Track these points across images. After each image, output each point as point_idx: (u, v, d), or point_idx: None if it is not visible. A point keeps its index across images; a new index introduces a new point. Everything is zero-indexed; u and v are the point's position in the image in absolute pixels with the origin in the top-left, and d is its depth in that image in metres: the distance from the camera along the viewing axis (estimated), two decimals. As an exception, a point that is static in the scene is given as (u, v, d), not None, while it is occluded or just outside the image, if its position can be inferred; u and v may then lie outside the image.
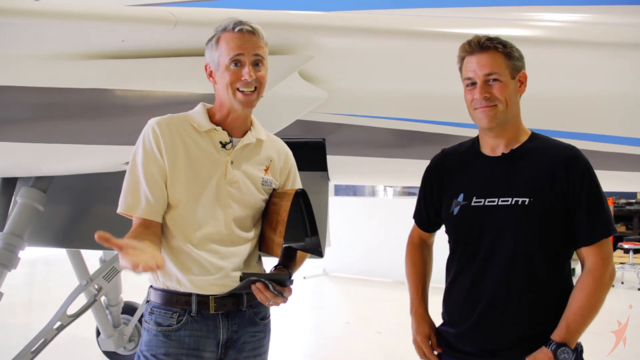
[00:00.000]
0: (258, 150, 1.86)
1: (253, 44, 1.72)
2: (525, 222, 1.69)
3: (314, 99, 2.57)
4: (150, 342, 1.77)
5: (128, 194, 1.73)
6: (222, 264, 1.77)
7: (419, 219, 2.01)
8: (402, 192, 13.24)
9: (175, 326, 1.75)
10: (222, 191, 1.77)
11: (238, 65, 1.71)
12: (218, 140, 1.79)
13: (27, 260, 3.26)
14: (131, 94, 2.36)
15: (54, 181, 3.21)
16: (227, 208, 1.77)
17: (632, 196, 12.68)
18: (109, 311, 4.21)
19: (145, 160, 1.73)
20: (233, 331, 1.80)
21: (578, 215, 1.68)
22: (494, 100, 1.69)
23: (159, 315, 1.77)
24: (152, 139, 1.73)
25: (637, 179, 3.26)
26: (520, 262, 1.70)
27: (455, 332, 1.81)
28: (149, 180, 1.72)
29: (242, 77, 1.70)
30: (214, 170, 1.77)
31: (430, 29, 2.35)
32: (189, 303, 1.75)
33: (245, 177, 1.81)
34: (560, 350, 1.63)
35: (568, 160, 1.70)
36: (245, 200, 1.81)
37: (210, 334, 1.77)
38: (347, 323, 6.62)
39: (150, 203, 1.71)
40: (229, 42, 1.72)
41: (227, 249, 1.78)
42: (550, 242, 1.71)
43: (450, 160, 1.91)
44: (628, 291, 8.38)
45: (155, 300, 1.80)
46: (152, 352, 1.76)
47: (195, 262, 1.75)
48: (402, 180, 5.60)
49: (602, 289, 1.68)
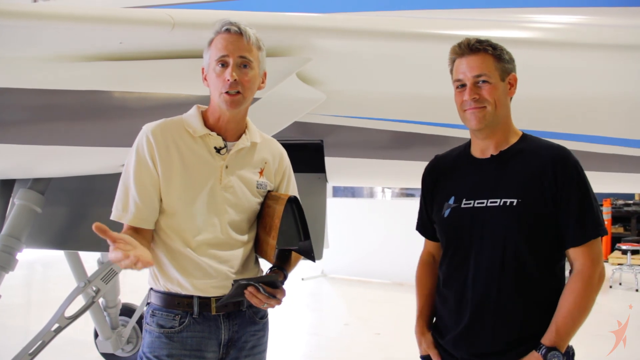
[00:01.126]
0: (252, 153, 1.86)
1: (239, 45, 1.71)
2: (514, 223, 1.68)
3: (312, 101, 2.57)
4: (152, 343, 1.78)
5: (119, 201, 1.75)
6: (221, 268, 1.78)
7: (423, 228, 1.99)
8: (401, 194, 13.25)
9: (177, 328, 1.77)
10: (218, 196, 1.78)
11: (223, 67, 1.71)
12: (213, 145, 1.79)
13: (25, 262, 3.27)
14: (129, 95, 2.37)
15: (51, 183, 3.20)
16: (223, 213, 1.78)
17: (630, 197, 12.71)
18: (107, 313, 4.21)
19: (137, 168, 1.74)
20: (234, 331, 1.81)
21: (567, 215, 1.67)
22: (482, 102, 1.70)
23: (161, 318, 1.78)
24: (146, 147, 1.74)
25: (635, 180, 3.26)
26: (509, 263, 1.69)
27: (447, 337, 1.80)
28: (139, 188, 1.73)
29: (225, 78, 1.70)
30: (209, 176, 1.77)
31: (428, 31, 2.35)
32: (190, 305, 1.77)
33: (240, 181, 1.82)
34: (551, 355, 1.61)
35: (557, 161, 1.69)
36: (241, 204, 1.82)
37: (212, 335, 1.78)
38: (345, 324, 6.62)
39: (140, 211, 1.72)
40: (217, 43, 1.73)
41: (226, 252, 1.80)
42: (540, 243, 1.70)
43: (442, 165, 1.92)
44: (626, 292, 8.38)
45: (157, 303, 1.80)
46: (155, 354, 1.77)
47: (196, 266, 1.76)
48: (401, 181, 5.60)
49: (592, 290, 1.65)
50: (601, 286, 1.68)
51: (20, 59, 2.16)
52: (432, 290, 1.92)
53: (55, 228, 3.42)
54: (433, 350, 1.84)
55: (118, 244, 1.47)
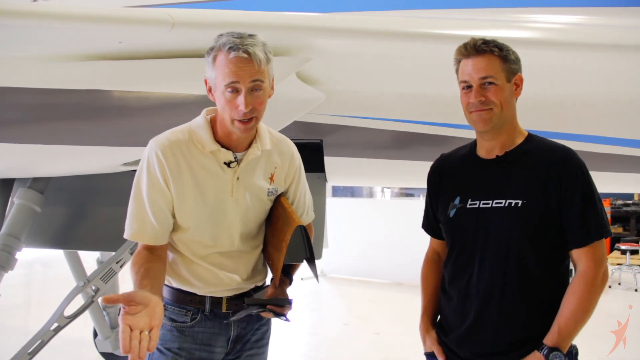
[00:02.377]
0: (263, 161, 1.83)
1: (249, 70, 1.61)
2: (519, 224, 1.69)
3: (312, 101, 2.57)
4: (164, 336, 1.81)
5: (134, 220, 1.74)
6: (232, 276, 1.84)
7: (429, 227, 2.00)
8: (400, 194, 13.26)
9: (189, 323, 1.82)
10: (229, 210, 1.78)
11: (234, 92, 1.63)
12: (222, 160, 1.76)
13: (25, 262, 3.26)
14: (129, 95, 2.36)
15: (51, 182, 3.20)
16: (235, 225, 1.81)
17: (629, 197, 12.73)
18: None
19: (150, 187, 1.72)
20: (242, 328, 1.87)
21: (571, 216, 1.67)
22: (489, 104, 1.69)
23: (173, 312, 1.83)
24: (157, 167, 1.71)
25: (634, 180, 3.27)
26: (514, 264, 1.69)
27: (451, 336, 1.80)
28: (153, 208, 1.72)
29: (237, 107, 1.63)
30: (220, 189, 1.77)
31: (428, 31, 2.35)
32: (202, 302, 1.83)
33: (251, 191, 1.81)
34: (552, 355, 1.62)
35: (561, 162, 1.69)
36: (252, 214, 1.84)
37: (222, 331, 1.84)
38: (345, 324, 6.62)
39: (155, 230, 1.73)
40: (224, 66, 1.62)
41: (236, 261, 1.85)
42: (545, 244, 1.70)
43: (448, 164, 1.92)
44: (625, 292, 8.38)
45: (169, 298, 1.85)
46: (167, 346, 1.81)
47: (210, 273, 1.81)
48: (400, 181, 5.60)
49: (595, 292, 1.65)
50: (604, 287, 1.68)
51: (19, 58, 2.16)
52: (437, 288, 1.92)
53: (54, 227, 3.42)
54: (437, 347, 1.84)
55: (130, 307, 1.46)
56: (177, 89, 2.32)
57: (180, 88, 2.31)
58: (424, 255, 2.04)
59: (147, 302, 1.49)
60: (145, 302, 1.49)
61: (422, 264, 2.02)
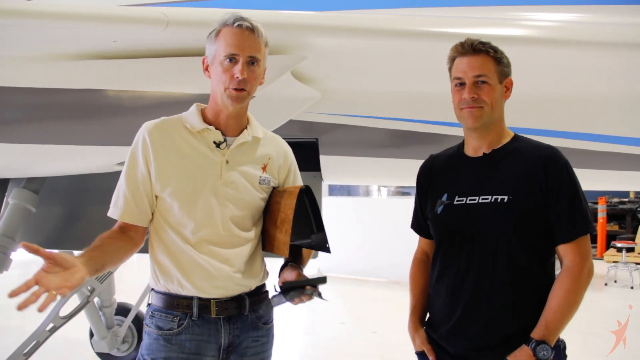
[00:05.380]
0: (255, 149, 1.84)
1: (251, 43, 1.70)
2: (505, 219, 1.73)
3: (307, 99, 2.57)
4: (150, 345, 1.76)
5: (113, 197, 1.79)
6: (222, 267, 1.76)
7: (418, 227, 2.02)
8: (396, 192, 13.25)
9: (176, 330, 1.75)
10: (219, 191, 1.75)
11: (232, 62, 1.69)
12: (212, 140, 1.77)
13: (20, 262, 3.24)
14: (123, 94, 2.36)
15: (46, 182, 3.19)
16: (224, 208, 1.76)
17: (625, 195, 12.76)
18: (102, 312, 4.19)
19: (130, 167, 1.77)
20: (235, 335, 1.78)
21: (556, 213, 1.71)
22: (480, 102, 1.75)
23: (160, 319, 1.77)
24: (140, 147, 1.75)
25: (630, 178, 3.27)
26: (501, 259, 1.73)
27: (440, 331, 1.82)
28: (130, 186, 1.75)
29: (234, 75, 1.68)
30: (208, 171, 1.75)
31: (423, 29, 2.35)
32: (190, 307, 1.75)
33: (242, 176, 1.79)
34: (540, 348, 1.64)
35: (547, 160, 1.74)
36: (243, 199, 1.79)
37: (212, 338, 1.76)
38: (342, 323, 6.62)
39: (129, 206, 1.75)
40: (227, 37, 1.70)
41: (227, 250, 1.77)
42: (531, 239, 1.74)
43: (436, 164, 1.96)
44: (621, 290, 8.41)
45: (157, 304, 1.79)
46: (153, 356, 1.75)
47: (197, 265, 1.74)
48: (396, 180, 5.61)
49: (581, 286, 1.70)
50: (590, 281, 1.73)
51: (13, 57, 2.14)
52: (425, 287, 1.94)
53: (49, 227, 3.41)
54: (427, 345, 1.86)
55: (47, 265, 1.47)
56: (172, 88, 2.32)
57: (174, 87, 2.31)
58: (413, 256, 2.05)
59: (67, 266, 1.49)
60: (65, 265, 1.49)
61: (411, 264, 2.04)
